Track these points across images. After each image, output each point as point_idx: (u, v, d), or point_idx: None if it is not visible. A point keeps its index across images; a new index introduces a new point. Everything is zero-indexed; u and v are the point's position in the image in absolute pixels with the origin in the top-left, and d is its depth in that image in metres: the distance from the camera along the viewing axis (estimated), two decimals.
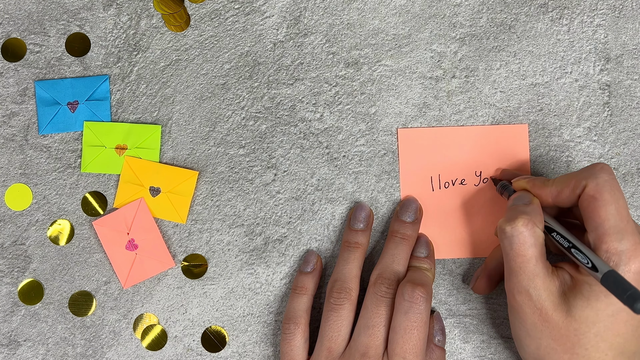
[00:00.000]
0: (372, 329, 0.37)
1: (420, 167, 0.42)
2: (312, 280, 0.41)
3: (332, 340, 0.38)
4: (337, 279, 0.40)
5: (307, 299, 0.41)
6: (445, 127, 0.43)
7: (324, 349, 0.38)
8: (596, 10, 0.43)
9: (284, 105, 0.43)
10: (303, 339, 0.40)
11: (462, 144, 0.42)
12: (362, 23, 0.43)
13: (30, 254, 0.43)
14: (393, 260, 0.40)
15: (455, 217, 0.42)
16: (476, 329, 0.42)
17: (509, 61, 0.43)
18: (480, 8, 0.43)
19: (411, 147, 0.42)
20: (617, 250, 0.33)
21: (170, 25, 0.43)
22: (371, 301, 0.38)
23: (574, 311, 0.34)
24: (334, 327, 0.38)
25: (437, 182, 0.42)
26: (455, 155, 0.42)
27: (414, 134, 0.42)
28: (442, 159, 0.42)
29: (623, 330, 0.34)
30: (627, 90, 0.42)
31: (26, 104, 0.44)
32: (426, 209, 0.42)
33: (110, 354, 0.43)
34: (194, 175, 0.43)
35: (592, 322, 0.34)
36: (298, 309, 0.40)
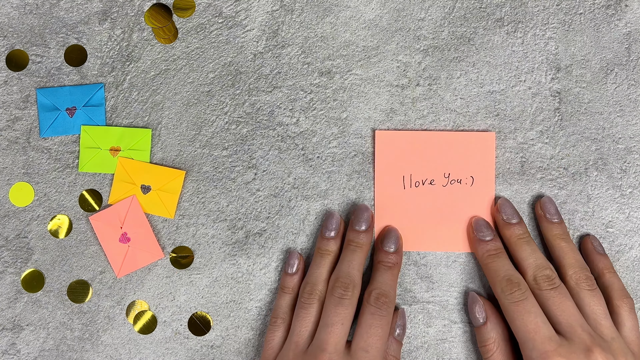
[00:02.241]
0: (330, 327, 0.38)
1: (393, 167, 0.43)
2: (295, 281, 0.42)
3: (299, 335, 0.39)
4: (308, 282, 0.41)
5: (291, 298, 0.42)
6: (420, 130, 0.43)
7: (292, 342, 0.39)
8: (548, 24, 0.44)
9: (264, 111, 0.44)
10: (285, 332, 0.41)
11: (434, 148, 0.43)
12: (334, 36, 0.44)
13: (32, 246, 0.44)
14: (349, 265, 0.40)
15: (423, 214, 0.43)
16: (438, 314, 0.43)
17: (469, 70, 0.44)
18: (442, 22, 0.44)
19: (386, 148, 0.43)
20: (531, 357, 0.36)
21: (159, 38, 0.44)
22: (330, 302, 0.39)
23: None
24: (303, 323, 0.39)
25: (409, 181, 0.43)
26: (427, 158, 0.43)
27: (390, 136, 0.43)
28: (415, 160, 0.43)
29: None
30: (576, 97, 0.44)
31: (28, 110, 0.45)
32: (397, 205, 0.43)
33: (105, 337, 0.43)
34: (181, 174, 0.44)
35: None
36: (283, 305, 0.42)
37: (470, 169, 0.43)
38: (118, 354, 0.44)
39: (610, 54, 0.44)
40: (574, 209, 0.43)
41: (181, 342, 0.43)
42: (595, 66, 0.44)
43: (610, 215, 0.43)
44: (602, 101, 0.44)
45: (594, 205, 0.43)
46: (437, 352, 0.43)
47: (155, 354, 0.44)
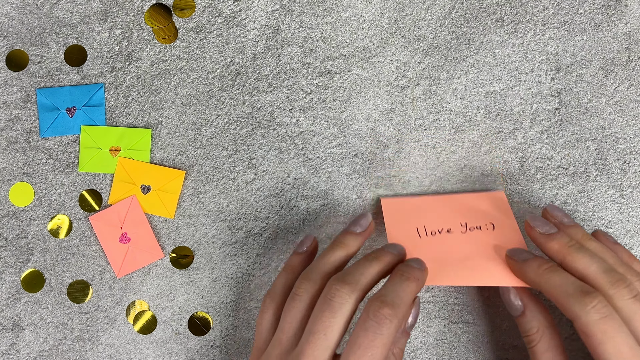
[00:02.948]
0: (312, 335, 0.32)
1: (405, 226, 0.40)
2: (301, 262, 0.38)
3: (284, 332, 0.34)
4: (308, 269, 0.36)
5: (288, 279, 0.37)
6: (425, 196, 0.42)
7: (277, 339, 0.35)
8: (548, 24, 0.44)
9: (264, 111, 0.44)
10: (273, 316, 0.36)
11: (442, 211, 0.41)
12: (334, 36, 0.44)
13: (32, 246, 0.44)
14: (363, 270, 0.35)
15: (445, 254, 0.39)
16: (438, 314, 0.43)
17: (468, 71, 0.44)
18: (442, 22, 0.44)
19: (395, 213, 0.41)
20: None
21: (159, 38, 0.44)
22: (319, 302, 0.33)
23: None
24: (289, 318, 0.35)
25: (424, 231, 0.40)
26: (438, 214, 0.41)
27: (396, 203, 0.42)
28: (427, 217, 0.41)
29: None
30: (576, 97, 0.44)
31: (28, 110, 0.45)
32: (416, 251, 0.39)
33: (105, 337, 0.43)
34: (181, 174, 0.44)
35: None
36: (278, 286, 0.37)
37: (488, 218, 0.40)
38: (118, 354, 0.44)
39: (610, 54, 0.44)
40: (574, 209, 0.43)
41: (181, 342, 0.44)
42: (595, 66, 0.44)
43: (610, 215, 0.43)
44: (602, 101, 0.44)
45: (594, 205, 0.43)
46: (437, 352, 0.43)
47: (155, 354, 0.44)
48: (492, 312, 0.43)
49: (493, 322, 0.43)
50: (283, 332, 0.35)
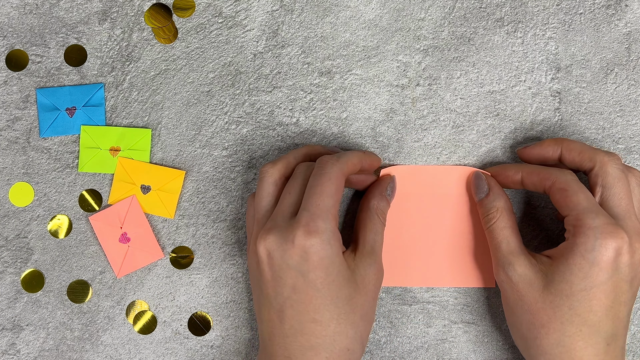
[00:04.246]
0: (315, 194, 0.36)
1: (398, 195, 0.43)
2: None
3: (285, 204, 0.38)
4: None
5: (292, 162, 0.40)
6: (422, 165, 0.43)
7: (278, 211, 0.37)
8: (548, 24, 0.44)
9: (264, 111, 0.45)
10: (275, 185, 0.39)
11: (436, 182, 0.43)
12: (334, 36, 0.45)
13: (32, 246, 0.44)
14: None
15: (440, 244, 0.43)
16: (438, 314, 0.43)
17: (469, 70, 0.44)
18: (442, 22, 0.44)
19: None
20: (592, 226, 0.35)
21: (159, 38, 0.45)
22: (313, 175, 0.38)
23: (550, 286, 0.35)
24: (287, 193, 0.38)
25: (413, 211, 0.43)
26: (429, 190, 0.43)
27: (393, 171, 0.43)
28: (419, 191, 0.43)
29: (596, 307, 0.35)
30: (576, 97, 0.44)
31: (28, 110, 0.45)
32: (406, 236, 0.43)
33: (105, 337, 0.44)
34: (181, 174, 0.44)
35: (566, 295, 0.35)
36: (281, 161, 0.40)
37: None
38: (118, 354, 0.44)
39: (610, 54, 0.44)
40: None
41: (181, 342, 0.44)
42: (595, 66, 0.44)
43: None
44: (602, 101, 0.44)
45: None
46: (437, 352, 0.43)
47: (155, 354, 0.44)
48: (492, 313, 0.43)
49: (493, 323, 0.43)
50: (258, 212, 0.38)
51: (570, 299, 0.35)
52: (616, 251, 0.35)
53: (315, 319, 0.35)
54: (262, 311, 0.37)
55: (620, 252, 0.35)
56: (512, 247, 0.38)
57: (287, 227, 0.36)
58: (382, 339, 0.43)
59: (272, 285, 0.36)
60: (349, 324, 0.36)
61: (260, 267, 0.37)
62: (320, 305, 0.35)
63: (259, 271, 0.37)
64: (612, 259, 0.35)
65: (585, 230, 0.35)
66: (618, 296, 0.35)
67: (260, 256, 0.36)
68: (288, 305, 0.36)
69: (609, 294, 0.35)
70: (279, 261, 0.36)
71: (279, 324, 0.36)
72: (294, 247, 0.35)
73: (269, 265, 0.36)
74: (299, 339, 0.36)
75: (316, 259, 0.35)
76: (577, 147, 0.39)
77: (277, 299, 0.36)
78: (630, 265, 0.35)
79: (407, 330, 0.43)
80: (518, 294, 0.37)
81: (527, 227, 0.44)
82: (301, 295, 0.35)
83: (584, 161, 0.39)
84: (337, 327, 0.36)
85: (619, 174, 0.37)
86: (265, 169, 0.39)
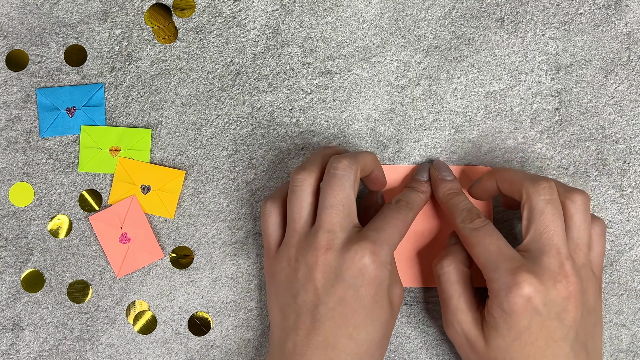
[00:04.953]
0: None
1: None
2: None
3: (297, 221, 0.37)
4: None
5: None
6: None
7: (290, 230, 0.37)
8: (548, 24, 0.44)
9: (264, 111, 0.45)
10: (280, 216, 0.39)
11: None
12: (334, 36, 0.45)
13: (32, 246, 0.44)
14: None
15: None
16: (439, 314, 0.43)
17: (469, 71, 0.44)
18: (442, 22, 0.45)
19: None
20: (495, 279, 0.35)
21: (159, 38, 0.45)
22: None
23: (489, 342, 0.35)
24: (297, 208, 0.37)
25: None
26: None
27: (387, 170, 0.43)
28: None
29: (533, 351, 0.34)
30: (576, 97, 0.44)
31: (28, 110, 0.45)
32: None
33: (105, 337, 0.44)
34: (181, 174, 0.44)
35: (504, 348, 0.35)
36: (278, 190, 0.40)
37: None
38: (118, 354, 0.44)
39: (611, 54, 0.44)
40: None
41: (181, 342, 0.44)
42: (596, 66, 0.44)
43: (610, 215, 0.43)
44: (602, 101, 0.44)
45: (594, 205, 0.44)
46: (437, 352, 0.43)
47: (155, 354, 0.44)
48: None
49: None
50: (295, 221, 0.37)
51: (509, 352, 0.35)
52: (524, 297, 0.34)
53: (351, 336, 0.35)
54: (290, 319, 0.36)
55: (529, 297, 0.34)
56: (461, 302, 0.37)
57: (351, 241, 0.36)
58: None
59: (320, 293, 0.35)
60: (378, 347, 0.36)
61: (311, 275, 0.36)
62: (361, 323, 0.35)
63: (307, 279, 0.36)
64: (524, 305, 0.34)
65: (491, 284, 0.35)
66: (550, 335, 0.34)
67: (317, 264, 0.35)
68: (329, 316, 0.35)
69: (538, 336, 0.34)
70: (336, 271, 0.35)
71: (312, 334, 0.35)
72: (357, 261, 0.35)
73: (324, 274, 0.35)
74: (329, 353, 0.35)
75: (372, 276, 0.35)
76: (508, 177, 0.38)
77: (320, 309, 0.35)
78: (547, 303, 0.34)
79: (407, 330, 0.43)
80: (468, 348, 0.37)
81: None
82: (346, 308, 0.35)
83: (514, 193, 0.38)
84: (368, 349, 0.36)
85: (542, 206, 0.36)
86: (301, 176, 0.37)
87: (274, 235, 0.39)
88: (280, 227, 0.39)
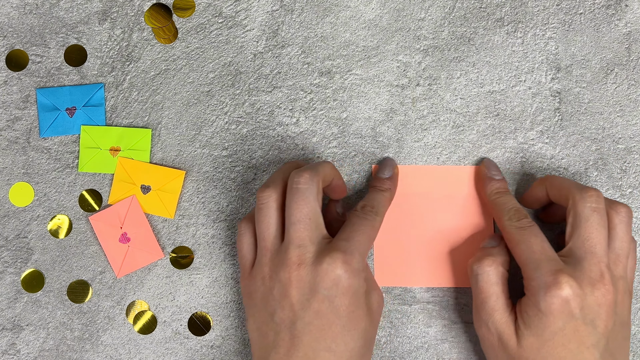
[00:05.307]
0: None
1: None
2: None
3: (266, 239, 0.38)
4: None
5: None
6: (415, 165, 0.44)
7: (261, 249, 0.38)
8: (548, 24, 0.44)
9: (264, 111, 0.45)
10: (253, 237, 0.39)
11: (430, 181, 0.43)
12: (334, 36, 0.45)
13: (32, 246, 0.44)
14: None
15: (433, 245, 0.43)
16: (438, 314, 0.43)
17: (469, 70, 0.44)
18: (442, 22, 0.45)
19: None
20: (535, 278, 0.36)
21: (159, 38, 0.45)
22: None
23: (522, 341, 0.36)
24: (264, 226, 0.38)
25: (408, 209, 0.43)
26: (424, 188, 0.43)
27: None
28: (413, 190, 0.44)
29: (563, 354, 0.35)
30: (576, 97, 0.44)
31: (28, 110, 0.45)
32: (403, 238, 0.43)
33: (105, 337, 0.44)
34: (181, 174, 0.44)
35: (535, 348, 0.35)
36: (251, 213, 0.40)
37: (471, 192, 0.44)
38: (118, 354, 0.44)
39: (611, 53, 0.44)
40: None
41: (181, 342, 0.44)
42: (596, 66, 0.44)
43: None
44: (602, 101, 0.44)
45: None
46: (437, 352, 0.43)
47: (155, 354, 0.44)
48: None
49: None
50: (264, 239, 0.38)
51: (541, 352, 0.35)
52: (562, 299, 0.35)
53: (330, 348, 0.35)
54: (269, 337, 0.36)
55: (567, 299, 0.35)
56: (499, 304, 0.37)
57: (322, 253, 0.36)
58: (382, 339, 0.43)
59: (296, 309, 0.35)
60: (360, 357, 0.36)
61: (286, 291, 0.36)
62: (338, 335, 0.35)
63: (282, 296, 0.36)
64: (561, 306, 0.35)
65: (531, 283, 0.36)
66: (582, 340, 0.35)
67: (290, 281, 0.36)
68: (307, 331, 0.35)
69: (571, 339, 0.35)
70: (310, 285, 0.35)
71: (292, 350, 0.35)
72: (329, 272, 0.35)
73: (298, 289, 0.36)
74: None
75: (346, 285, 0.35)
76: (557, 184, 0.40)
77: (297, 325, 0.35)
78: (583, 308, 0.35)
79: (407, 330, 0.43)
80: (500, 349, 0.37)
81: None
82: (322, 320, 0.35)
83: (561, 199, 0.39)
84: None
85: (588, 214, 0.37)
86: (266, 194, 0.38)
87: (247, 255, 0.39)
88: (253, 247, 0.39)
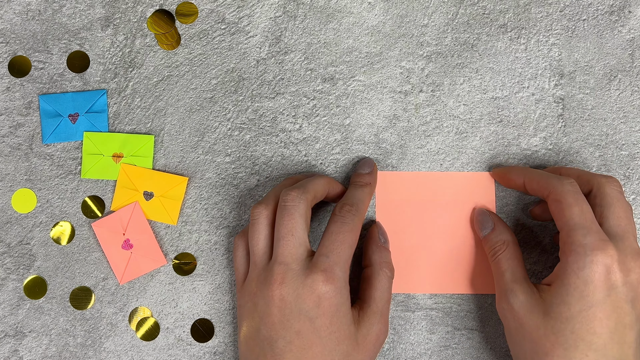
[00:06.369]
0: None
1: (394, 199, 0.43)
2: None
3: (256, 254, 0.38)
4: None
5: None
6: (417, 172, 0.44)
7: (252, 263, 0.38)
8: (551, 31, 0.44)
9: (266, 117, 0.45)
10: (247, 250, 0.40)
11: (431, 188, 0.43)
12: (337, 42, 0.45)
13: (35, 253, 0.44)
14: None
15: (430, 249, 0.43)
16: (441, 321, 0.43)
17: (472, 77, 0.44)
18: (445, 28, 0.45)
19: (385, 187, 0.44)
20: (582, 243, 0.34)
21: (162, 44, 0.45)
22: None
23: (550, 310, 0.34)
24: (255, 241, 0.38)
25: (411, 213, 0.43)
26: (425, 195, 0.43)
27: (386, 176, 0.44)
28: (414, 196, 0.44)
29: (599, 329, 0.33)
30: (580, 104, 0.44)
31: (31, 116, 0.45)
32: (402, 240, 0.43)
33: (107, 344, 0.44)
34: (184, 181, 0.44)
35: (566, 318, 0.34)
36: (246, 227, 0.41)
37: (472, 198, 0.44)
38: None
39: (614, 60, 0.44)
40: None
41: (184, 349, 0.44)
42: (599, 72, 0.44)
43: None
44: (606, 107, 0.44)
45: None
46: (440, 358, 0.43)
47: None
48: (495, 319, 0.43)
49: (496, 329, 0.43)
50: (254, 254, 0.38)
51: (572, 322, 0.34)
52: (607, 268, 0.34)
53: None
54: (254, 352, 0.37)
55: (611, 269, 0.34)
56: (517, 276, 0.38)
57: (304, 272, 0.36)
58: (386, 346, 0.43)
59: (278, 328, 0.35)
60: None
61: (268, 309, 0.36)
62: (319, 354, 0.35)
63: (265, 313, 0.36)
64: (604, 275, 0.33)
65: (576, 247, 0.34)
66: (621, 317, 0.34)
67: (273, 299, 0.36)
68: (288, 350, 0.35)
69: (610, 314, 0.33)
70: (291, 305, 0.35)
71: None
72: (310, 292, 0.35)
73: (279, 308, 0.36)
74: None
75: (327, 305, 0.35)
76: (573, 172, 0.40)
77: (279, 343, 0.35)
78: (626, 284, 0.34)
79: (410, 336, 0.43)
80: (519, 322, 0.36)
81: (528, 254, 0.44)
82: (304, 340, 0.35)
83: (582, 185, 0.38)
84: None
85: (617, 195, 0.37)
86: (257, 210, 0.39)
87: (240, 269, 0.40)
88: (246, 261, 0.40)
